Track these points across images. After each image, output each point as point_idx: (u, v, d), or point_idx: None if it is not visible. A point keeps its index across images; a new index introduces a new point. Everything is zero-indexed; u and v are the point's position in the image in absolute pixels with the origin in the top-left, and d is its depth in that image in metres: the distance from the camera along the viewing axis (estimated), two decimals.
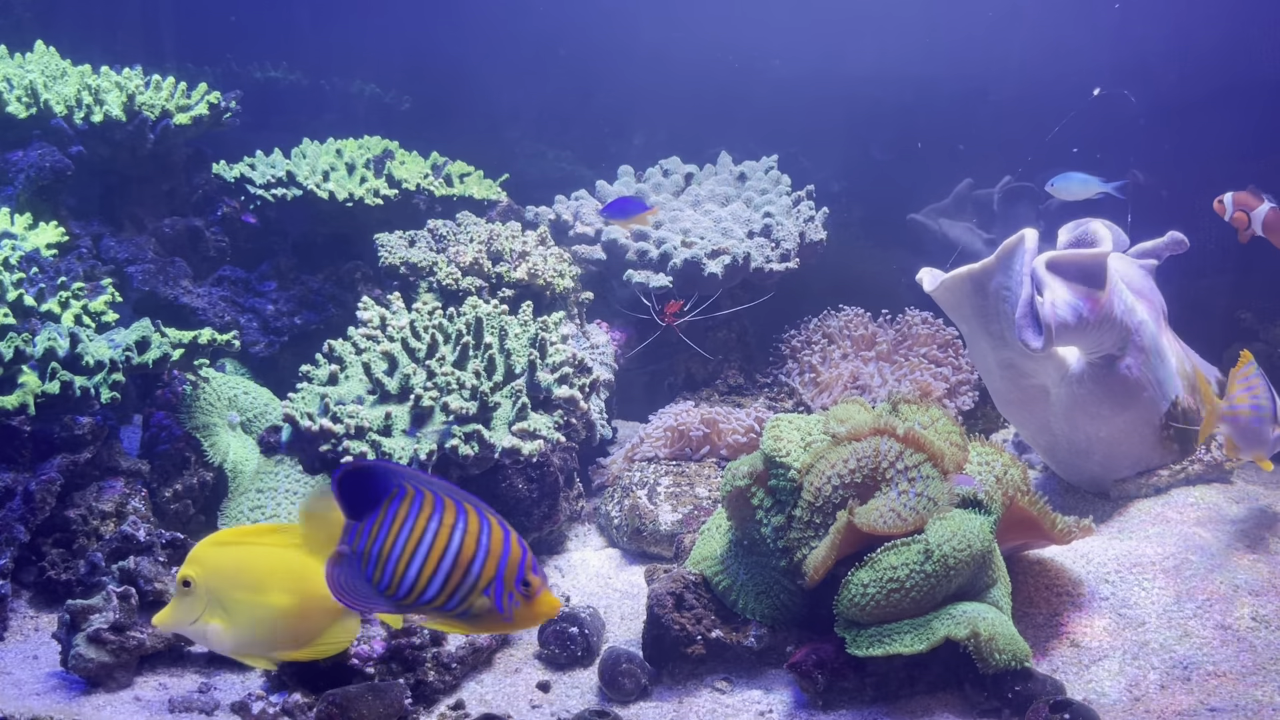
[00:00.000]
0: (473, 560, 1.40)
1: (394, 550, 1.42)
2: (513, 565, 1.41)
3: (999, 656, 1.78)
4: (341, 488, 1.45)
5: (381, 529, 1.43)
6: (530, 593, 1.41)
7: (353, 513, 1.45)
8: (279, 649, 1.70)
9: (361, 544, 1.44)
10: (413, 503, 1.43)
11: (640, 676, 2.00)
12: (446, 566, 1.41)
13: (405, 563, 1.42)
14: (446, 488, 1.45)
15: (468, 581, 1.41)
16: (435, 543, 1.41)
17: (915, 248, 3.83)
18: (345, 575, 1.46)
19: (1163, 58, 3.76)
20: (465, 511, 1.42)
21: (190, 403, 2.68)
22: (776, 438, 2.05)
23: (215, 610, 1.66)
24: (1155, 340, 2.45)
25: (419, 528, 1.42)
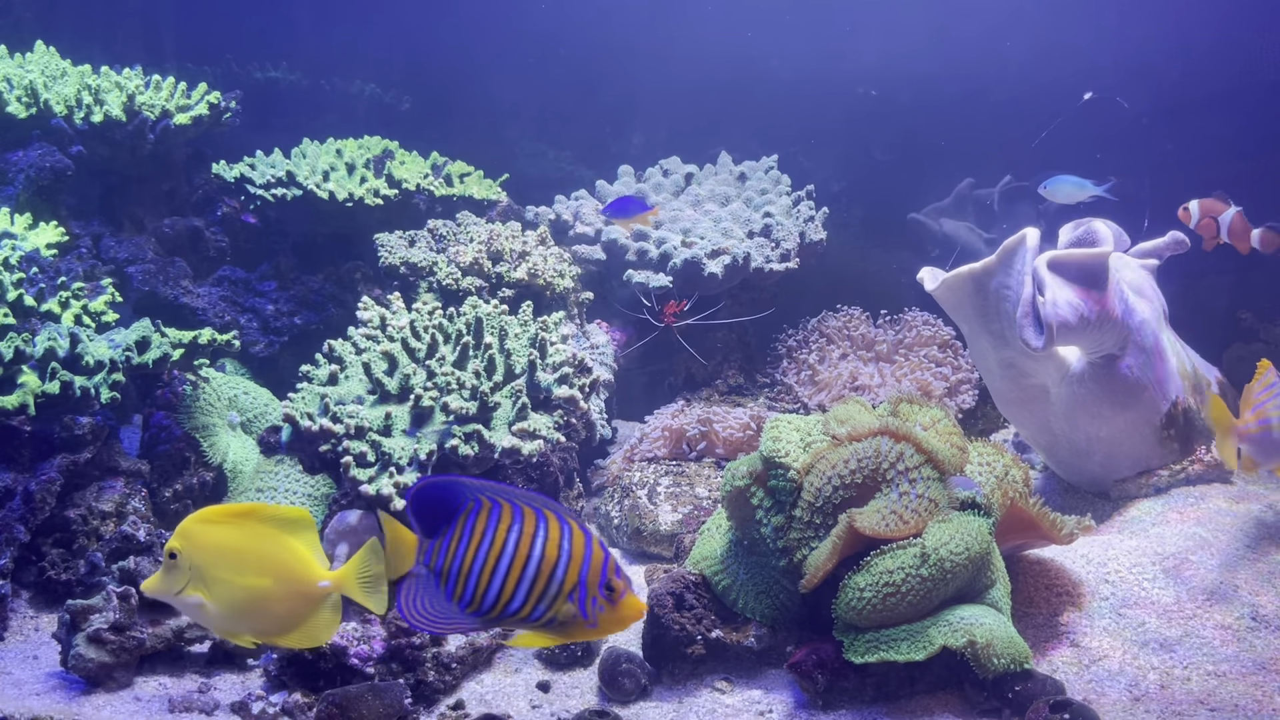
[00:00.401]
0: (555, 567, 1.38)
1: (475, 564, 1.40)
2: (595, 570, 1.38)
3: (997, 662, 1.77)
4: (415, 506, 1.43)
5: (460, 544, 1.41)
6: (614, 597, 1.39)
7: (427, 530, 1.42)
8: (256, 630, 1.70)
9: (440, 561, 1.42)
10: (490, 514, 1.41)
11: (640, 676, 1.99)
12: (530, 575, 1.38)
13: (488, 576, 1.39)
14: (523, 495, 1.42)
15: (551, 589, 1.39)
16: (518, 553, 1.39)
17: (915, 247, 3.83)
18: (422, 596, 1.43)
19: (1163, 57, 3.76)
20: (545, 518, 1.40)
21: (190, 403, 2.68)
22: (775, 438, 2.05)
23: (198, 584, 1.66)
24: (1156, 340, 2.45)
25: (499, 539, 1.40)
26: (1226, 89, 3.69)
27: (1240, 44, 3.68)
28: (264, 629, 1.69)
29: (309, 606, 1.67)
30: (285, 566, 1.65)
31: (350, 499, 2.22)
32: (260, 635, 1.70)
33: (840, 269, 3.69)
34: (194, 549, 1.64)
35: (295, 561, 1.65)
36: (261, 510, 1.68)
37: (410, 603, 1.44)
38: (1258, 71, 3.65)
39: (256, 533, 1.66)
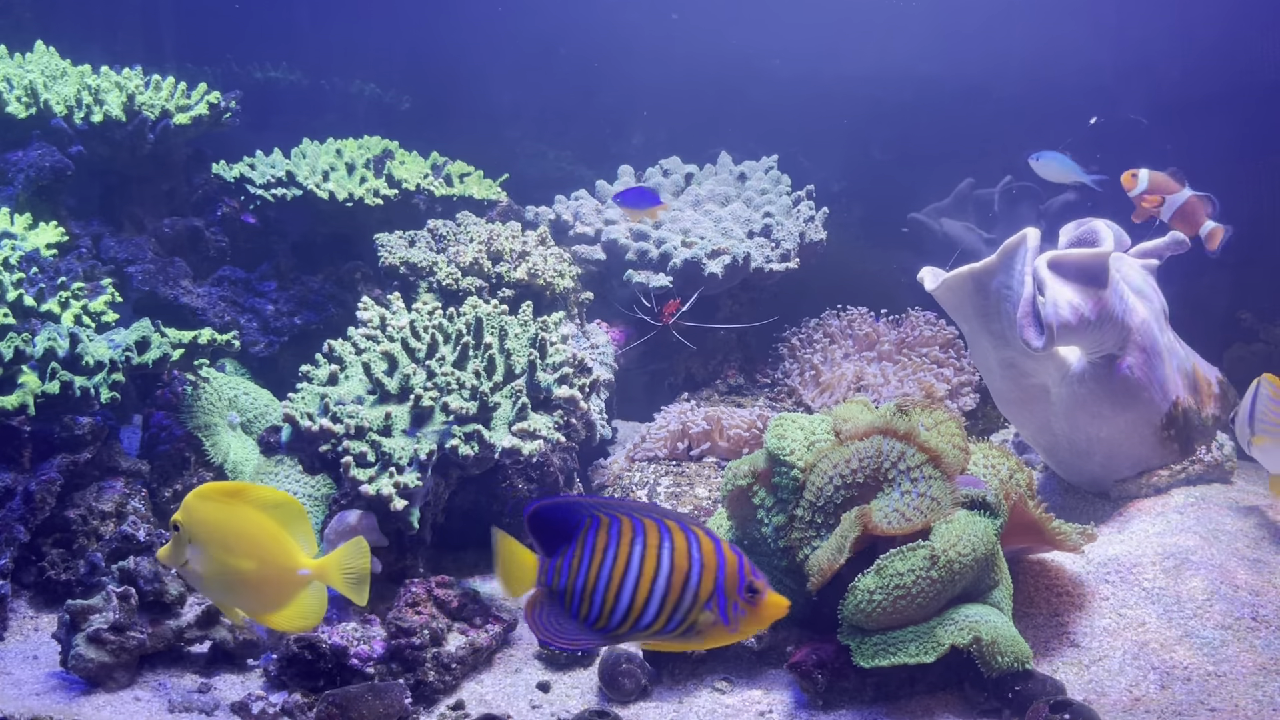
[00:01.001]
0: (688, 577, 1.37)
1: (599, 581, 1.39)
2: (732, 574, 1.37)
3: (1001, 660, 1.78)
4: (533, 526, 1.42)
5: (582, 562, 1.40)
6: (755, 599, 1.38)
7: (548, 550, 1.42)
8: (244, 608, 1.75)
9: (562, 581, 1.41)
10: (610, 530, 1.40)
11: (640, 676, 1.99)
12: (661, 588, 1.37)
13: (614, 592, 1.39)
14: (642, 508, 1.42)
15: (686, 599, 1.38)
16: (644, 566, 1.38)
17: (916, 247, 3.83)
18: (548, 616, 1.42)
19: (1164, 56, 3.76)
20: (669, 529, 1.39)
21: (190, 403, 2.68)
22: (781, 435, 2.05)
23: (197, 557, 1.72)
24: (1156, 340, 2.44)
25: (623, 554, 1.39)
26: (1227, 88, 3.69)
27: (1241, 43, 3.68)
28: (250, 607, 1.75)
29: (290, 591, 1.72)
30: (268, 551, 1.69)
31: (350, 499, 2.22)
32: (249, 613, 1.76)
33: (840, 269, 3.69)
34: (192, 523, 1.71)
35: (278, 547, 1.69)
36: (251, 491, 1.72)
37: (539, 619, 1.44)
38: (1259, 71, 3.65)
39: (245, 515, 1.70)
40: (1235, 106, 3.67)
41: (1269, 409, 2.09)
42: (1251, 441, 2.14)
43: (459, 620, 2.11)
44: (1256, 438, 2.10)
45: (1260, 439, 2.09)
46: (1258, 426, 2.10)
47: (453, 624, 2.09)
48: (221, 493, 1.73)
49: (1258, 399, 2.11)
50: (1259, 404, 2.11)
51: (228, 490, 1.73)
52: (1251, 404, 2.13)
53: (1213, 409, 2.59)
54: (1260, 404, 2.10)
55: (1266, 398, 2.10)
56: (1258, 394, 2.12)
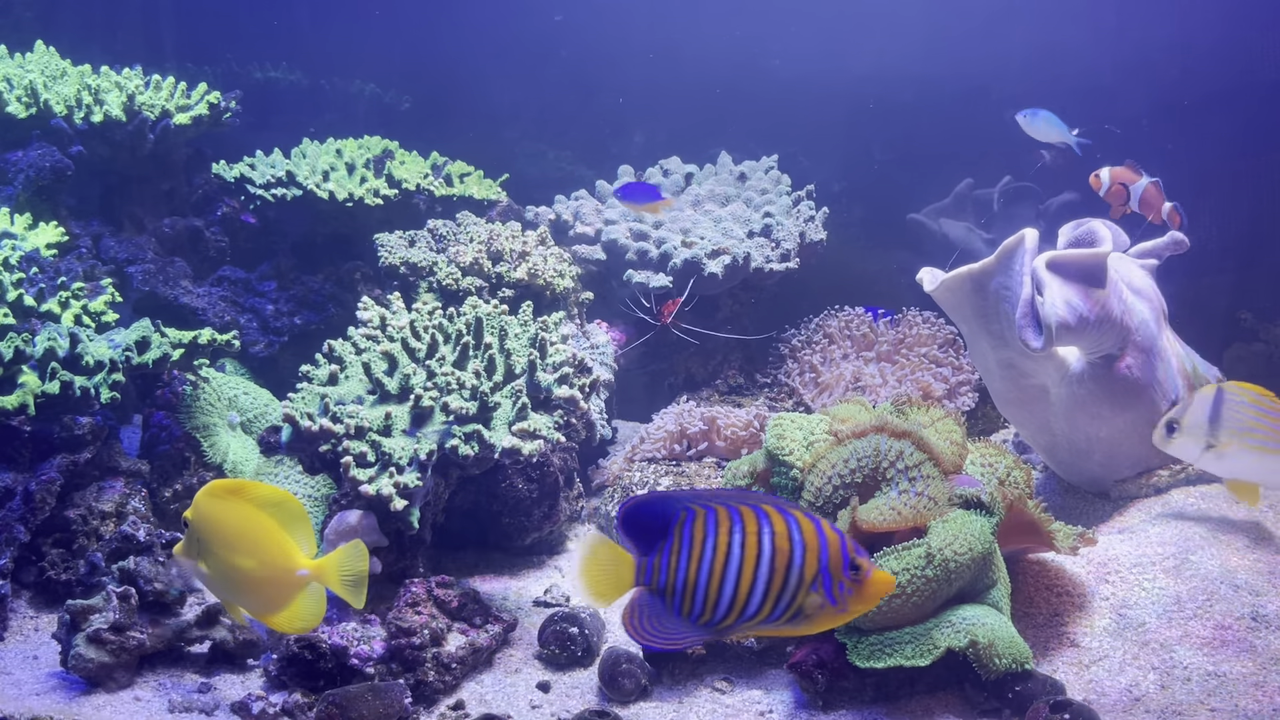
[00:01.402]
0: (791, 560, 1.34)
1: (701, 575, 1.36)
2: (835, 553, 1.34)
3: (999, 662, 1.78)
4: (626, 526, 1.40)
5: (680, 557, 1.38)
6: (860, 576, 1.35)
7: (643, 549, 1.39)
8: (246, 607, 1.77)
9: (662, 579, 1.38)
10: (706, 521, 1.37)
11: (640, 676, 1.99)
12: (765, 575, 1.35)
13: (717, 584, 1.36)
14: (736, 496, 1.39)
15: (791, 584, 1.35)
16: (745, 554, 1.35)
17: (915, 248, 3.83)
18: (649, 616, 1.40)
19: (1163, 55, 3.76)
20: (766, 514, 1.36)
21: (190, 403, 2.68)
22: (780, 435, 2.05)
23: (204, 554, 1.74)
24: (1155, 340, 2.45)
25: (723, 544, 1.36)
26: (1226, 88, 3.69)
27: (1241, 42, 3.68)
28: (251, 607, 1.76)
29: (289, 592, 1.73)
30: (267, 551, 1.71)
31: (350, 499, 2.22)
32: (251, 612, 1.77)
33: (840, 269, 3.69)
34: (200, 520, 1.73)
35: (277, 547, 1.70)
36: (253, 489, 1.74)
37: (638, 623, 1.41)
38: (1258, 70, 3.65)
39: (247, 514, 1.72)
40: (1235, 106, 3.67)
41: (1239, 415, 2.07)
42: (1214, 446, 2.11)
43: (459, 620, 2.11)
44: (1227, 439, 2.07)
45: (1227, 444, 2.07)
46: (1224, 432, 2.08)
47: (453, 624, 2.09)
48: (226, 490, 1.74)
49: (1224, 404, 2.09)
50: (1226, 409, 2.09)
51: (231, 488, 1.74)
52: (1213, 409, 2.10)
53: None
54: (1229, 409, 2.09)
55: (1238, 403, 2.08)
56: (1223, 400, 2.10)
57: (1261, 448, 2.06)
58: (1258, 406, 2.06)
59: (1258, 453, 2.07)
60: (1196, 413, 2.10)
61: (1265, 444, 2.06)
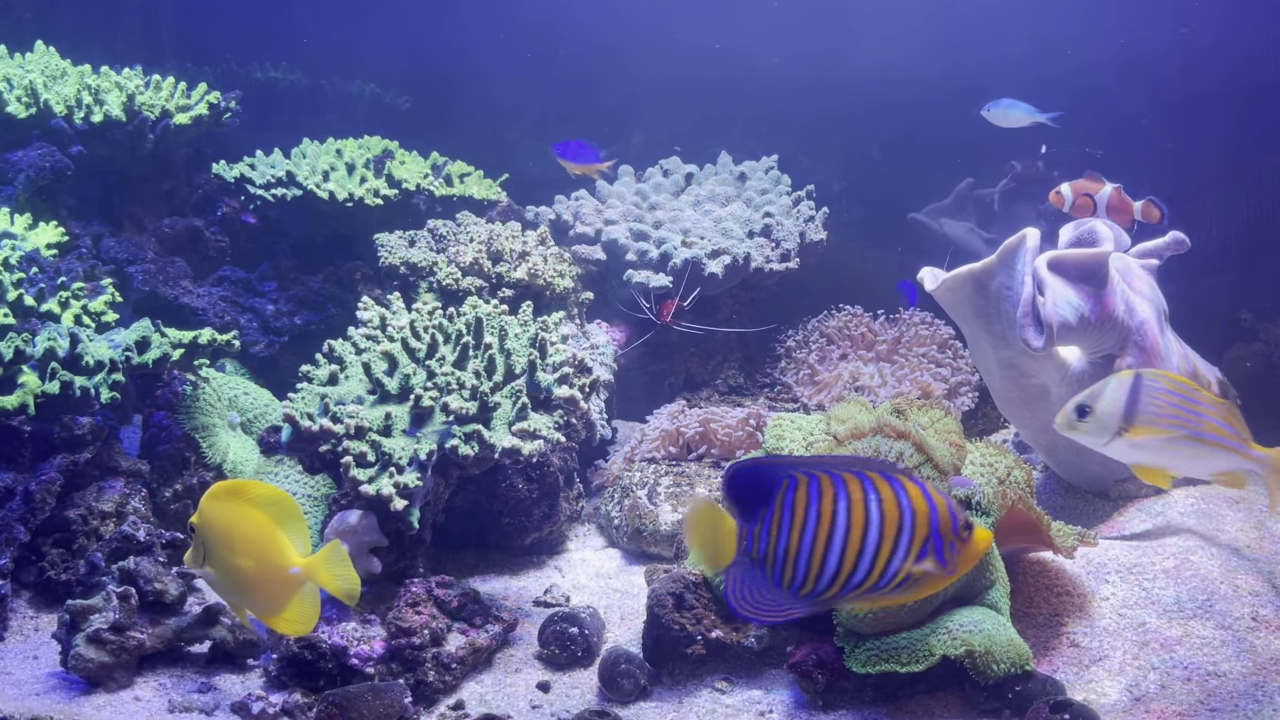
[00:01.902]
0: (901, 527, 1.32)
1: (804, 544, 1.33)
2: (945, 517, 1.32)
3: (997, 668, 1.77)
4: (731, 492, 1.37)
5: (783, 526, 1.34)
6: (969, 534, 1.32)
7: (745, 515, 1.36)
8: (250, 608, 1.79)
9: (763, 547, 1.35)
10: (809, 489, 1.34)
11: (639, 676, 1.99)
12: (874, 542, 1.32)
13: (820, 554, 1.33)
14: (840, 462, 1.36)
15: (900, 550, 1.32)
16: (852, 522, 1.32)
17: (916, 247, 3.82)
18: (749, 587, 1.37)
19: (1162, 54, 3.75)
20: (871, 480, 1.33)
21: (190, 403, 2.68)
22: (779, 437, 2.05)
23: (210, 558, 1.77)
24: (1156, 340, 2.44)
25: (826, 512, 1.33)
26: (1226, 87, 3.69)
27: (1240, 41, 3.68)
28: (255, 608, 1.78)
29: (286, 591, 1.75)
30: (264, 550, 1.72)
31: (350, 499, 2.22)
32: (255, 614, 1.79)
33: (840, 269, 3.69)
34: (204, 524, 1.76)
35: (272, 546, 1.72)
36: (250, 489, 1.75)
37: (739, 593, 1.38)
38: (1258, 70, 3.64)
39: (245, 514, 1.73)
40: (1235, 105, 3.67)
41: (1156, 402, 2.00)
42: (1126, 433, 2.03)
43: (459, 620, 2.11)
44: (1135, 429, 1.99)
45: (1139, 431, 1.99)
46: (1140, 419, 2.00)
47: (453, 624, 2.09)
48: (227, 492, 1.75)
49: (1142, 391, 2.00)
50: (1144, 396, 2.00)
51: (231, 489, 1.76)
52: (1131, 395, 2.01)
53: None
54: (1146, 396, 2.00)
55: (1156, 390, 2.00)
56: (1141, 386, 2.01)
57: (1174, 434, 1.98)
58: (1175, 394, 1.98)
59: (1173, 441, 1.99)
60: (1112, 398, 1.99)
61: (1179, 432, 1.97)
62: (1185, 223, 2.71)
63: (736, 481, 1.36)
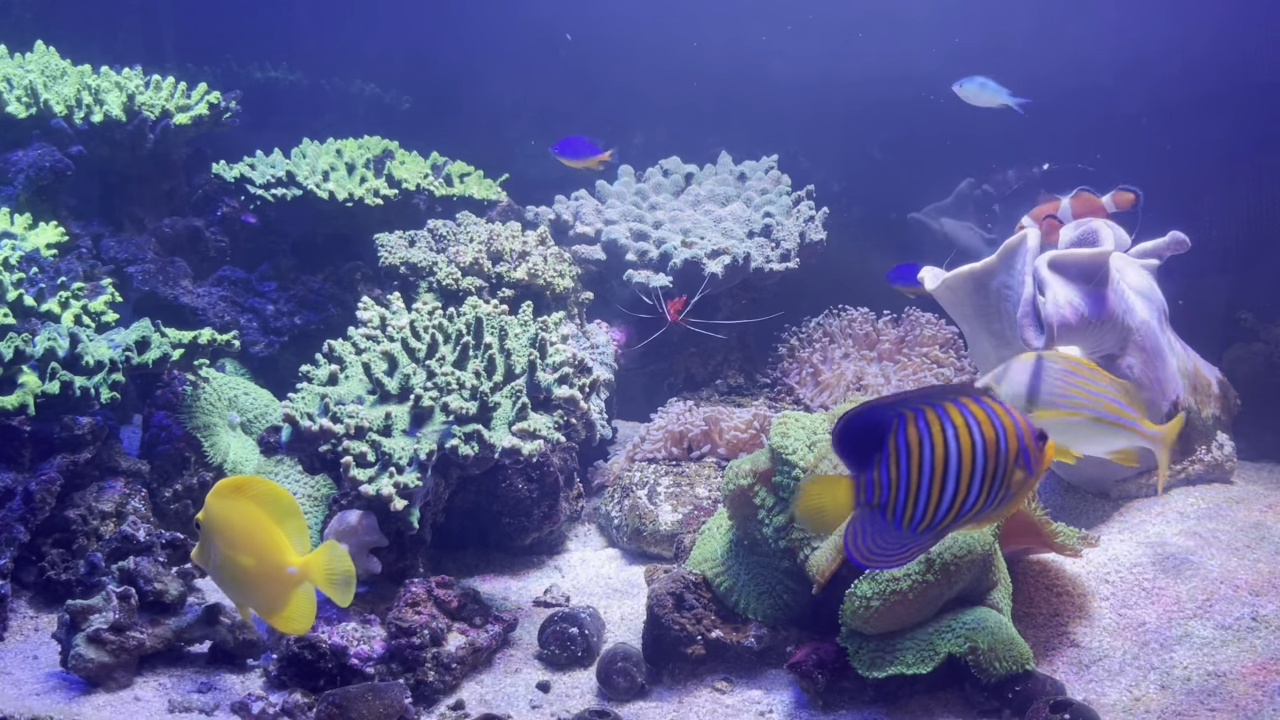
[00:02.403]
0: (999, 444, 1.36)
1: (922, 479, 1.37)
2: (1025, 427, 1.37)
3: (999, 666, 1.77)
4: (843, 445, 1.40)
5: (900, 466, 1.38)
6: (1043, 442, 1.38)
7: (859, 465, 1.40)
8: (253, 606, 1.81)
9: (884, 492, 1.39)
10: (918, 424, 1.38)
11: (635, 675, 1.99)
12: (982, 464, 1.36)
13: (939, 485, 1.37)
14: (932, 394, 1.40)
15: (1002, 466, 1.37)
16: (962, 448, 1.37)
17: (916, 247, 3.82)
18: (869, 535, 1.41)
19: (1162, 55, 3.75)
20: (965, 405, 1.38)
21: (190, 403, 2.68)
22: (784, 434, 2.05)
23: (213, 555, 1.79)
24: (1156, 340, 2.44)
25: (939, 443, 1.37)
26: (1226, 88, 3.69)
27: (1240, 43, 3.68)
28: (255, 605, 1.80)
29: (284, 589, 1.76)
30: (264, 548, 1.74)
31: (350, 499, 2.22)
32: (257, 611, 1.81)
33: (840, 269, 3.69)
34: (209, 520, 1.78)
35: (271, 544, 1.74)
36: (253, 486, 1.77)
37: (858, 544, 1.41)
38: (1258, 70, 3.64)
39: (247, 511, 1.75)
40: (1235, 106, 3.67)
41: (1058, 384, 1.97)
42: (1029, 416, 1.98)
43: (459, 620, 2.11)
44: (1039, 412, 1.96)
45: (1042, 413, 1.96)
46: (1043, 401, 1.97)
47: (453, 624, 2.09)
48: (231, 489, 1.78)
49: (1044, 373, 1.98)
50: (1046, 378, 1.98)
51: (235, 485, 1.78)
52: (1033, 379, 1.99)
53: (1213, 409, 2.59)
54: (1048, 378, 1.97)
55: (1058, 371, 1.98)
56: (1042, 368, 1.99)
57: (1077, 414, 1.95)
58: (1076, 375, 1.96)
59: (1073, 423, 1.97)
60: (1015, 381, 1.94)
61: (1081, 413, 1.95)
62: (1185, 223, 2.71)
63: (850, 431, 1.39)
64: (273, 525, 1.74)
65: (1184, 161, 3.69)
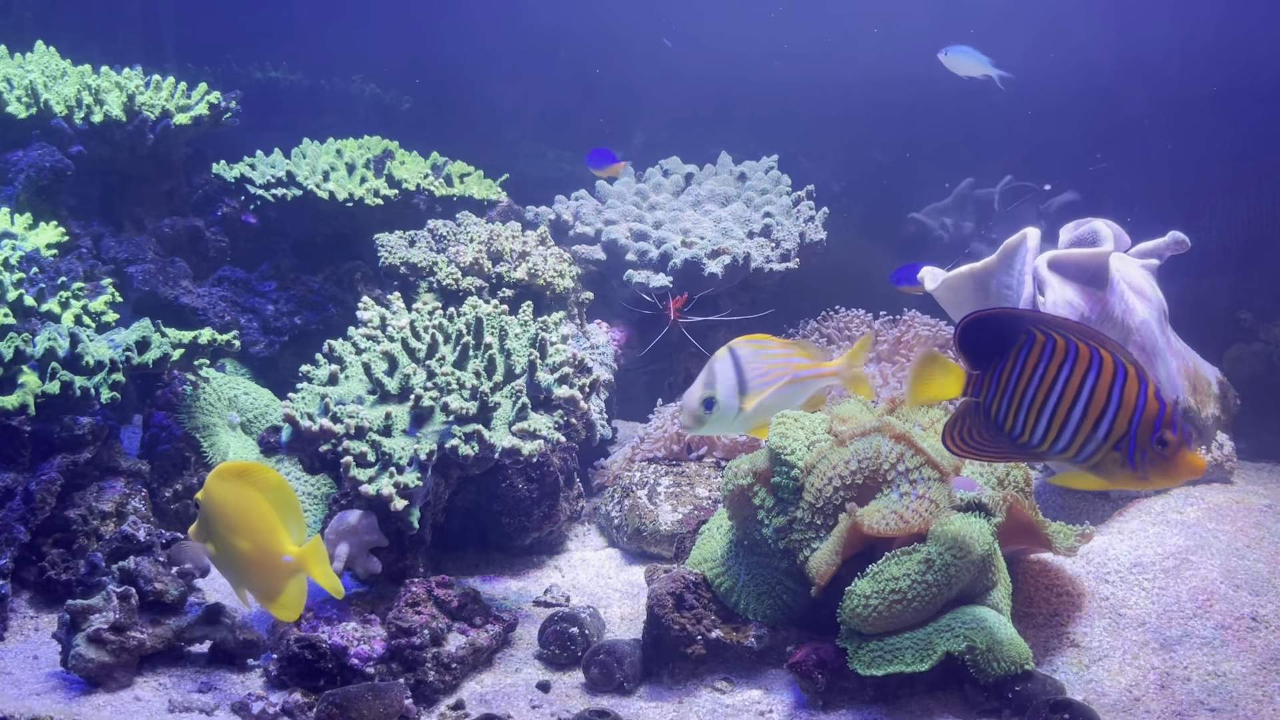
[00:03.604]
0: (1103, 413, 1.36)
1: (1025, 399, 1.40)
2: (1148, 420, 1.35)
3: (997, 666, 1.77)
4: (965, 341, 1.44)
5: (1011, 378, 1.41)
6: (1167, 451, 1.35)
7: (977, 363, 1.44)
8: (250, 590, 1.84)
9: (990, 395, 1.43)
10: (1043, 350, 1.40)
11: (615, 670, 2.01)
12: (1076, 418, 1.37)
13: (1037, 411, 1.39)
14: (1081, 331, 1.40)
15: (1099, 433, 1.37)
16: (1066, 391, 1.38)
17: (916, 247, 3.82)
18: (969, 428, 1.46)
19: (1162, 55, 3.76)
20: (1100, 359, 1.38)
21: (190, 403, 2.68)
22: (783, 434, 2.04)
23: (212, 535, 1.82)
24: (1156, 340, 2.45)
25: (1050, 375, 1.39)
26: (1227, 88, 3.69)
27: (1240, 43, 3.68)
28: (252, 590, 1.83)
29: (280, 577, 1.79)
30: (261, 534, 1.77)
31: (350, 499, 2.22)
32: (254, 595, 1.84)
33: (840, 269, 3.69)
34: (208, 502, 1.81)
35: (270, 531, 1.77)
36: (256, 472, 1.80)
37: (958, 433, 1.47)
38: (1258, 71, 3.65)
39: (247, 497, 1.79)
40: (1235, 107, 3.67)
41: (756, 367, 1.90)
42: (742, 407, 1.87)
43: (459, 620, 2.11)
44: (749, 399, 1.88)
45: (751, 399, 1.88)
46: (752, 386, 1.85)
47: (453, 624, 2.09)
48: (234, 472, 1.81)
49: (743, 362, 1.87)
50: (746, 366, 1.89)
51: (239, 470, 1.81)
52: (737, 373, 1.87)
53: (1213, 409, 2.59)
54: (748, 366, 1.89)
55: (751, 356, 1.87)
56: (739, 358, 1.87)
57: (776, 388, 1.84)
58: (764, 350, 1.89)
59: (783, 391, 1.89)
60: (727, 380, 1.86)
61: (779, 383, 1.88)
62: (1185, 223, 2.72)
63: (974, 330, 1.44)
64: (271, 512, 1.78)
65: (1184, 161, 3.69)
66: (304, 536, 1.80)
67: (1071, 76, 3.83)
